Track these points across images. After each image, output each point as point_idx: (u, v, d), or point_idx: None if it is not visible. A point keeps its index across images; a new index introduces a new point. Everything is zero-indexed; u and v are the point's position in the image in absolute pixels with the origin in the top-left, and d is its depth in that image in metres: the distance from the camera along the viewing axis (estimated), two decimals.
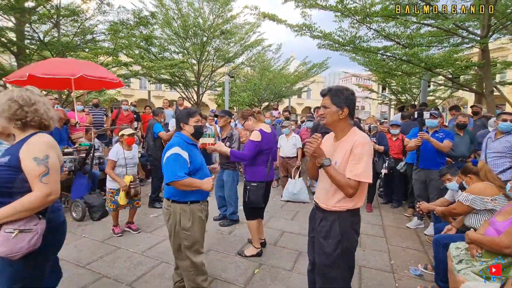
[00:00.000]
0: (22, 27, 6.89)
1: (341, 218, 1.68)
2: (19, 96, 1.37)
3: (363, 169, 1.54)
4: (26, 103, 1.36)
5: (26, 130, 1.39)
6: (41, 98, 1.44)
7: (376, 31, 6.14)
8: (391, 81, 11.80)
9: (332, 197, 1.70)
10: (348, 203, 1.66)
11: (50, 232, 1.38)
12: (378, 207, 4.87)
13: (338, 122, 1.66)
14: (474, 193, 2.32)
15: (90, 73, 4.02)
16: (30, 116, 1.37)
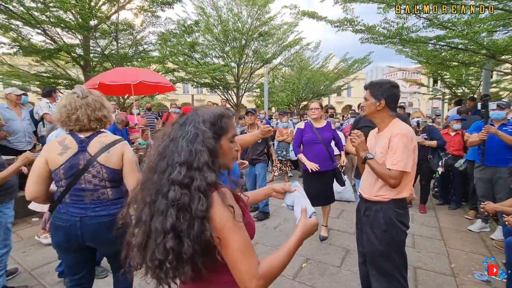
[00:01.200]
0: (87, 43, 7.88)
1: (384, 208, 1.73)
2: (65, 105, 1.52)
3: (399, 158, 1.59)
4: (69, 112, 1.52)
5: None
6: (83, 101, 1.54)
7: (427, 20, 5.68)
8: (445, 73, 10.74)
9: (373, 186, 1.78)
10: (390, 192, 1.71)
11: (52, 227, 1.55)
12: (433, 208, 4.51)
13: (376, 114, 1.76)
14: None
15: (147, 78, 4.48)
16: (72, 126, 1.54)
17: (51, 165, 1.47)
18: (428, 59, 7.86)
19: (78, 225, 1.48)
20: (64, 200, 1.50)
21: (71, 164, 1.47)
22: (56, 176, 1.47)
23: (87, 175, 1.48)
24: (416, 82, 15.60)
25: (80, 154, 1.49)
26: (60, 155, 1.47)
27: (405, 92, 31.00)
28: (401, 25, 5.89)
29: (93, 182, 1.50)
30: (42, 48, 7.20)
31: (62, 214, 1.49)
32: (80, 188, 1.49)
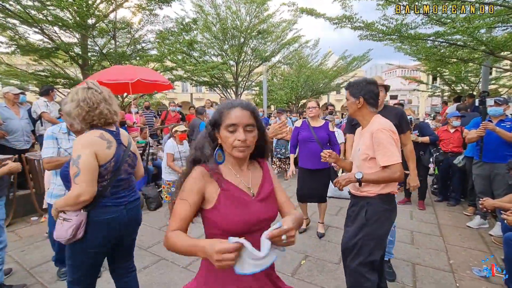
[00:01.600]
0: (85, 42, 7.85)
1: (370, 203, 1.77)
2: (84, 99, 1.47)
3: (391, 151, 1.64)
4: (91, 107, 1.47)
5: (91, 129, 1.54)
6: (101, 96, 1.52)
7: (426, 16, 5.66)
8: (444, 70, 10.74)
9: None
10: (375, 187, 1.75)
11: (91, 226, 1.45)
12: (432, 205, 4.51)
13: (358, 112, 1.81)
14: None
15: (145, 77, 4.46)
16: (96, 120, 1.51)
17: (101, 160, 1.46)
18: (427, 56, 7.85)
19: (125, 212, 1.57)
20: (106, 194, 1.50)
21: (118, 156, 1.53)
22: (105, 170, 1.48)
23: (125, 165, 1.58)
24: (415, 80, 15.58)
25: (119, 146, 1.57)
26: (108, 149, 1.50)
27: (404, 89, 30.98)
28: (400, 21, 5.87)
29: (128, 170, 1.63)
30: (39, 47, 7.17)
31: (109, 207, 1.51)
32: (120, 179, 1.56)
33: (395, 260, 2.78)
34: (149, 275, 2.55)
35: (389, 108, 2.42)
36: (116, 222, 1.53)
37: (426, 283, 2.42)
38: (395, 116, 2.31)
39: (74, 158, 1.39)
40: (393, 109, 2.45)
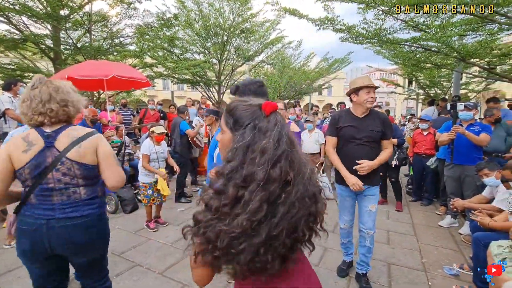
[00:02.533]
0: (57, 34, 7.39)
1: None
2: (27, 97, 1.38)
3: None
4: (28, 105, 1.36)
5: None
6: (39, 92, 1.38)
7: (404, 22, 5.86)
8: (419, 74, 11.21)
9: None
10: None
11: (17, 231, 1.38)
12: (407, 205, 4.68)
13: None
14: None
15: (121, 73, 4.24)
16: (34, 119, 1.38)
17: (16, 164, 1.32)
18: (404, 60, 8.15)
19: (44, 229, 1.33)
20: (29, 201, 1.35)
21: (37, 162, 1.32)
22: (20, 175, 1.34)
23: (55, 173, 1.35)
24: (393, 83, 16.19)
25: (46, 150, 1.35)
26: (25, 152, 1.32)
27: (383, 92, 32.13)
28: (379, 26, 6.03)
29: (63, 180, 1.37)
30: (5, 37, 6.65)
31: (27, 217, 1.34)
32: (47, 188, 1.35)
33: (372, 260, 2.84)
34: (122, 282, 2.43)
35: (375, 112, 2.36)
36: (30, 237, 1.34)
37: (401, 283, 2.49)
38: (380, 122, 2.29)
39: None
40: (379, 114, 2.37)
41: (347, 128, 2.30)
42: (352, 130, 2.28)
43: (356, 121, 2.30)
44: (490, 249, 2.08)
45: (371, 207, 2.34)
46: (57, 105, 1.39)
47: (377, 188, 2.38)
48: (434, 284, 2.48)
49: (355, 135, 2.27)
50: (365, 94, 2.21)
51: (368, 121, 2.28)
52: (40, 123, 1.38)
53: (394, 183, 4.45)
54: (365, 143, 2.24)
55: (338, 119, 2.39)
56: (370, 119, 2.30)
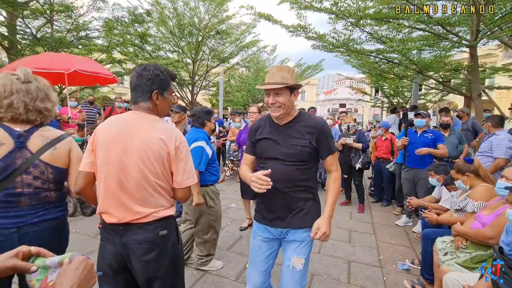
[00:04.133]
0: (14, 22, 6.80)
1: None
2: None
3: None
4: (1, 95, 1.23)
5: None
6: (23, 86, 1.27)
7: (369, 34, 6.26)
8: (384, 84, 12.02)
9: None
10: None
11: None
12: (369, 205, 4.96)
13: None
14: (485, 200, 2.20)
15: (84, 68, 4.00)
16: (2, 112, 1.24)
17: None
18: (370, 70, 8.68)
19: (15, 237, 1.20)
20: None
21: (5, 164, 1.19)
22: None
23: (26, 176, 1.23)
24: (361, 91, 17.12)
25: (17, 151, 1.22)
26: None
27: (352, 99, 33.83)
28: (347, 36, 6.38)
29: (34, 184, 1.26)
30: None
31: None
32: (14, 193, 1.21)
33: (333, 259, 2.97)
34: None
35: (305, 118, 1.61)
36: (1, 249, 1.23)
37: (359, 279, 2.63)
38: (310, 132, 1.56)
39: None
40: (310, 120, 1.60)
41: (263, 141, 1.60)
42: (269, 144, 1.57)
43: (276, 131, 1.58)
44: (436, 244, 2.29)
45: (294, 261, 1.52)
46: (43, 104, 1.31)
47: (308, 232, 1.54)
48: (388, 279, 2.65)
49: (272, 151, 1.55)
50: (266, 97, 1.53)
51: (291, 131, 1.55)
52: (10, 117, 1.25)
53: (358, 186, 4.70)
54: (286, 162, 1.52)
55: (255, 129, 1.66)
56: (295, 128, 1.56)
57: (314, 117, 1.64)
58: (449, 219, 2.55)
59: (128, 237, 1.27)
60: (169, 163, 1.30)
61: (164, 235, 1.32)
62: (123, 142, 1.25)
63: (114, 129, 1.29)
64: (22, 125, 1.28)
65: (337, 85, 41.84)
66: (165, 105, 1.39)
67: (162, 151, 1.26)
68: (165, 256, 1.33)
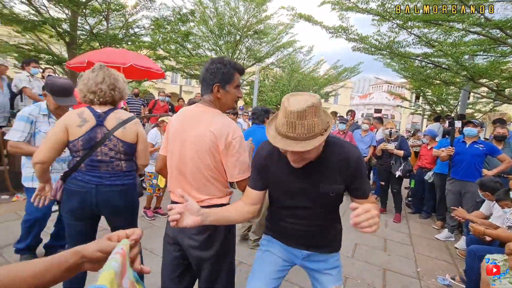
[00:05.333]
0: (75, 19, 7.53)
1: None
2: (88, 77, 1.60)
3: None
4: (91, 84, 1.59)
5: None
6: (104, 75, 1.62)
7: (417, 37, 5.95)
8: (427, 90, 11.29)
9: None
10: None
11: (64, 192, 1.62)
12: (406, 216, 4.75)
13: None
14: None
15: (139, 63, 4.36)
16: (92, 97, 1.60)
17: (70, 136, 1.53)
18: (413, 75, 8.23)
19: (94, 192, 1.56)
20: (80, 169, 1.57)
21: (90, 137, 1.54)
22: (73, 147, 1.54)
23: (103, 148, 1.57)
24: (400, 96, 16.25)
25: (97, 127, 1.56)
26: (79, 127, 1.53)
27: (389, 104, 32.20)
28: (392, 38, 6.13)
29: (109, 154, 1.60)
30: (25, 18, 6.79)
31: (79, 181, 1.56)
32: (96, 160, 1.57)
33: (368, 265, 2.92)
34: None
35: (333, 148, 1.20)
36: (81, 197, 1.57)
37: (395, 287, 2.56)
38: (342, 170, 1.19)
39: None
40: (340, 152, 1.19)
41: (278, 186, 1.26)
42: (287, 190, 1.24)
43: (297, 170, 1.17)
44: (485, 262, 2.15)
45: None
46: (106, 87, 1.60)
47: (337, 257, 1.37)
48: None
49: (293, 201, 1.24)
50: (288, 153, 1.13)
51: (320, 172, 1.18)
52: (90, 101, 1.61)
53: (396, 194, 4.51)
54: (311, 210, 1.24)
55: (265, 160, 1.27)
56: (325, 166, 1.18)
57: (346, 146, 1.21)
58: (500, 234, 2.37)
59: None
60: (221, 156, 1.33)
61: None
62: (183, 134, 1.37)
63: (178, 121, 1.43)
64: (101, 107, 1.62)
65: (374, 88, 40.08)
66: (228, 99, 1.42)
67: (213, 145, 1.31)
68: (215, 240, 1.40)
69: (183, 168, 1.37)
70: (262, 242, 1.47)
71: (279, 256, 1.38)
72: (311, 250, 1.33)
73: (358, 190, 1.21)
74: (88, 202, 1.57)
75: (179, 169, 1.39)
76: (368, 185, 1.28)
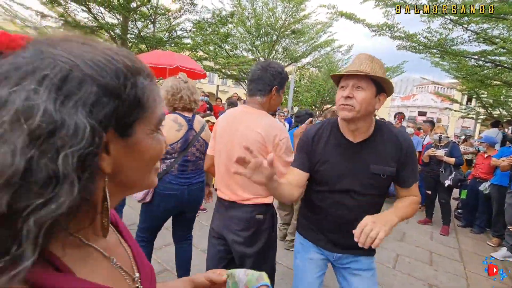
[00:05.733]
0: (126, 24, 8.18)
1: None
2: (171, 86, 1.74)
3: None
4: (174, 92, 1.73)
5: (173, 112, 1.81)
6: (186, 85, 1.77)
7: (475, 33, 5.41)
8: (482, 91, 10.18)
9: None
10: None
11: (156, 195, 1.75)
12: (455, 229, 4.35)
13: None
14: None
15: (184, 64, 4.60)
16: (176, 103, 1.76)
17: (169, 140, 1.68)
18: (467, 75, 7.51)
19: (186, 192, 1.78)
20: (171, 172, 1.75)
21: (185, 139, 1.74)
22: (172, 149, 1.72)
23: (193, 148, 1.78)
24: (449, 98, 14.89)
25: (189, 131, 1.77)
26: (178, 131, 1.73)
27: (435, 107, 29.69)
28: (444, 35, 5.66)
29: (196, 154, 1.82)
30: (85, 24, 7.56)
31: (173, 185, 1.75)
32: (186, 160, 1.77)
33: (411, 278, 2.74)
34: (170, 251, 2.67)
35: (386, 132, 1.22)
36: (177, 199, 1.76)
37: None
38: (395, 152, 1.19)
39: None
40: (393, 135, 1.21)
41: (327, 166, 1.22)
42: (337, 171, 1.20)
43: (347, 151, 1.19)
44: None
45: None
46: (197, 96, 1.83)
47: (372, 259, 1.31)
48: None
49: (344, 183, 1.19)
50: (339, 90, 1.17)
51: (371, 153, 1.17)
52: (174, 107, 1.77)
53: (444, 205, 4.15)
54: (360, 196, 1.19)
55: (312, 140, 1.25)
56: (375, 148, 1.17)
57: (395, 130, 1.21)
58: None
59: (231, 212, 1.45)
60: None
61: (260, 219, 1.44)
62: (230, 134, 1.43)
63: (225, 122, 1.50)
64: (187, 112, 1.82)
65: (418, 90, 37.28)
66: (277, 102, 1.51)
67: (259, 145, 1.35)
68: (259, 238, 1.44)
69: (230, 167, 1.42)
70: (297, 247, 1.44)
71: (318, 259, 1.36)
72: (343, 252, 1.28)
73: (411, 175, 1.19)
74: (181, 201, 1.79)
75: (227, 168, 1.45)
76: (416, 175, 1.23)
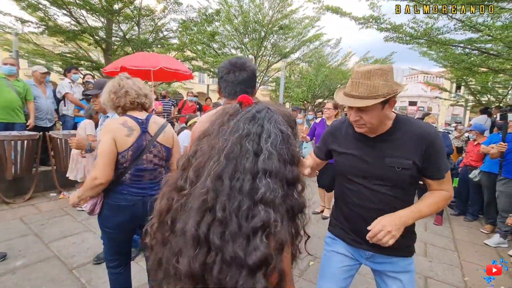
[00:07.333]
0: (110, 27, 7.98)
1: None
2: (112, 85, 1.57)
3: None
4: (117, 89, 1.55)
5: (124, 113, 1.58)
6: (129, 80, 1.59)
7: (460, 21, 5.42)
8: (470, 79, 10.29)
9: None
10: None
11: (105, 207, 1.53)
12: (448, 218, 4.38)
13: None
14: None
15: (168, 65, 4.49)
16: (123, 101, 1.54)
17: (120, 147, 1.46)
18: (455, 63, 7.56)
19: (141, 204, 1.53)
20: (124, 181, 1.51)
21: (138, 145, 1.50)
22: (122, 158, 1.47)
23: (148, 155, 1.54)
24: (438, 87, 15.05)
25: (142, 135, 1.53)
26: (128, 136, 1.48)
27: (425, 96, 30.01)
28: (430, 25, 5.66)
29: (154, 161, 1.57)
30: (67, 29, 7.34)
31: (125, 195, 1.52)
32: (141, 169, 1.53)
33: None
34: None
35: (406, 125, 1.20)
36: (130, 211, 1.52)
37: None
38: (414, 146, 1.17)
39: (98, 144, 1.47)
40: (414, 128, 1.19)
41: (344, 157, 1.29)
42: (353, 160, 1.25)
43: (363, 145, 1.24)
44: None
45: None
46: (146, 91, 1.63)
47: (409, 261, 1.28)
48: None
49: (359, 168, 1.23)
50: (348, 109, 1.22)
51: (386, 147, 1.18)
52: (133, 105, 1.57)
53: None
54: (378, 187, 1.19)
55: (332, 133, 1.37)
56: (392, 141, 1.18)
57: (420, 123, 1.18)
58: None
59: None
60: None
61: None
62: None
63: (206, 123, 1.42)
64: (140, 113, 1.59)
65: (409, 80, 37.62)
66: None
67: None
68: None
69: None
70: (326, 241, 1.44)
71: (345, 255, 1.33)
72: (375, 251, 1.22)
73: (438, 169, 1.15)
74: (136, 215, 1.54)
75: None
76: (444, 166, 1.16)
